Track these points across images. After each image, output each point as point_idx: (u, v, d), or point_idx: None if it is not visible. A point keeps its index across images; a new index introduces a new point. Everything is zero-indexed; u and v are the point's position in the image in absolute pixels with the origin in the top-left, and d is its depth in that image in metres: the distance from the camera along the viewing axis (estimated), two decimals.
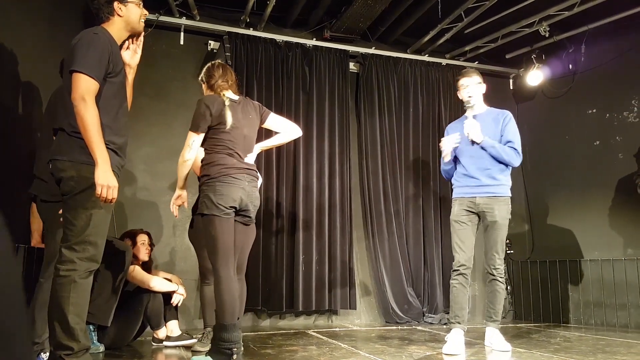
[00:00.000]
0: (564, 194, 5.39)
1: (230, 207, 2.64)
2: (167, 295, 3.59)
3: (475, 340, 3.63)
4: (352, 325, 4.85)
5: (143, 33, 2.56)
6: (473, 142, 3.37)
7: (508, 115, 3.47)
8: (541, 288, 5.42)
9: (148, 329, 3.61)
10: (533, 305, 5.49)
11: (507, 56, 5.79)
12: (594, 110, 5.21)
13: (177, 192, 2.90)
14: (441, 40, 5.36)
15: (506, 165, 3.38)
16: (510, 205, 3.38)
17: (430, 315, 5.14)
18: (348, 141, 5.25)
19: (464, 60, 5.86)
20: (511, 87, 6.06)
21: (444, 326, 4.77)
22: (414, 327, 4.78)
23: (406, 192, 5.42)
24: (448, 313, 4.91)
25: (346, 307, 4.96)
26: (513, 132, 3.41)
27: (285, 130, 3.03)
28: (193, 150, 2.75)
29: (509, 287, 5.64)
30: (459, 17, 4.91)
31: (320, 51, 5.29)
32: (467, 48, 5.62)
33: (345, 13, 4.87)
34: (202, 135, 2.76)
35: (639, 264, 4.59)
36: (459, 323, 3.29)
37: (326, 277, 4.89)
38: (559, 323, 5.13)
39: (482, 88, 3.50)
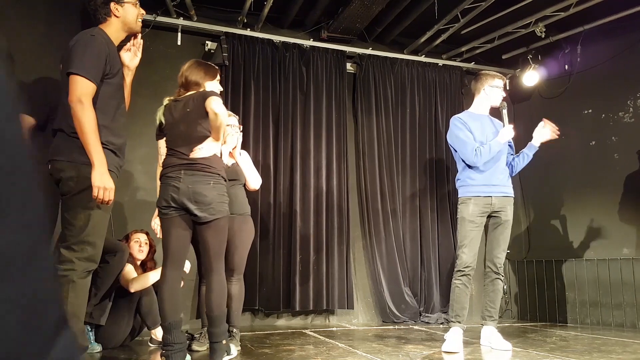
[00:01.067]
0: (560, 194, 5.41)
1: (164, 207, 2.60)
2: None
3: (471, 339, 3.64)
4: (350, 325, 4.87)
5: (140, 34, 2.57)
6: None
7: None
8: (537, 288, 5.44)
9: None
10: (529, 304, 5.51)
11: (504, 57, 5.81)
12: (590, 111, 5.23)
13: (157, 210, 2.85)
14: (438, 41, 5.38)
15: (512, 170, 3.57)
16: None
17: (427, 314, 5.16)
18: (345, 141, 5.26)
19: (461, 61, 5.88)
20: (507, 88, 6.07)
21: (441, 325, 4.79)
22: (410, 326, 4.79)
23: (403, 191, 5.44)
24: (445, 313, 4.96)
25: (343, 307, 4.98)
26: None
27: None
28: (160, 155, 2.82)
29: (505, 287, 5.66)
30: (455, 17, 4.92)
31: (318, 51, 5.30)
32: (463, 49, 5.64)
33: (342, 14, 4.88)
34: (160, 141, 2.81)
35: (634, 263, 4.61)
36: (460, 322, 3.31)
37: (323, 276, 4.90)
38: (555, 322, 5.16)
39: None
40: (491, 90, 3.48)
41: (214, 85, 2.85)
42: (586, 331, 4.39)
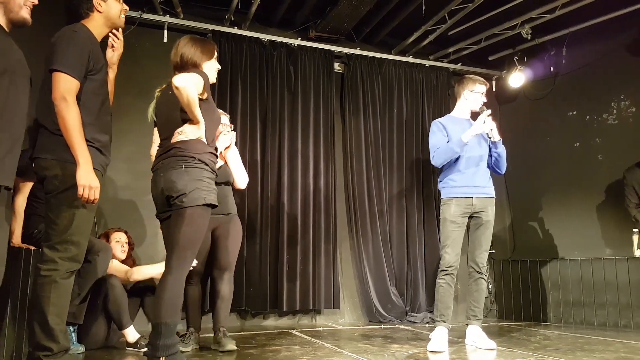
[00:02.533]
0: (545, 194, 5.47)
1: (157, 208, 2.48)
2: (136, 289, 3.56)
3: (456, 338, 3.66)
4: (336, 325, 4.87)
5: (122, 28, 2.52)
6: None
7: None
8: (522, 287, 5.48)
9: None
10: (514, 304, 5.56)
11: (490, 58, 5.86)
12: (575, 112, 5.29)
13: None
14: (425, 42, 5.41)
15: (494, 169, 3.58)
16: None
17: (412, 314, 5.18)
18: (333, 141, 5.26)
19: (448, 62, 5.91)
20: (493, 89, 6.12)
21: (427, 325, 4.81)
22: (396, 326, 4.81)
23: (390, 192, 5.45)
24: (431, 312, 4.98)
25: (330, 307, 4.97)
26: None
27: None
28: (152, 142, 2.75)
29: (490, 286, 5.70)
30: (442, 19, 4.95)
31: (305, 51, 5.29)
32: (450, 50, 5.67)
33: (330, 13, 4.87)
34: (155, 128, 2.73)
35: (617, 263, 4.67)
36: (444, 322, 3.34)
37: (310, 276, 4.89)
38: (539, 322, 5.21)
39: None
40: (470, 95, 3.51)
41: (211, 65, 2.58)
42: (570, 330, 4.44)
